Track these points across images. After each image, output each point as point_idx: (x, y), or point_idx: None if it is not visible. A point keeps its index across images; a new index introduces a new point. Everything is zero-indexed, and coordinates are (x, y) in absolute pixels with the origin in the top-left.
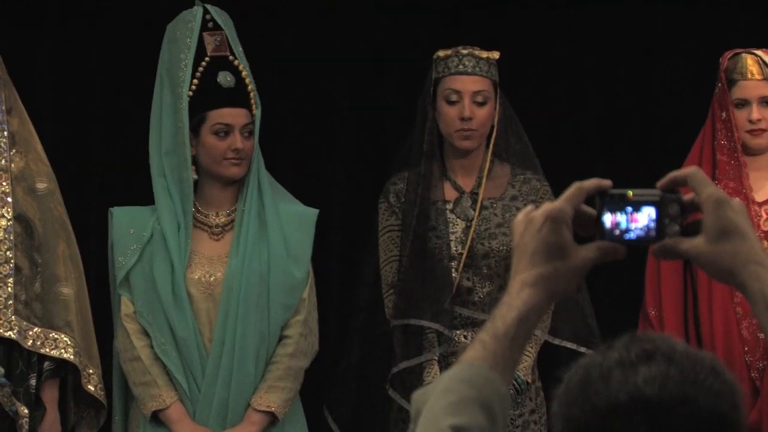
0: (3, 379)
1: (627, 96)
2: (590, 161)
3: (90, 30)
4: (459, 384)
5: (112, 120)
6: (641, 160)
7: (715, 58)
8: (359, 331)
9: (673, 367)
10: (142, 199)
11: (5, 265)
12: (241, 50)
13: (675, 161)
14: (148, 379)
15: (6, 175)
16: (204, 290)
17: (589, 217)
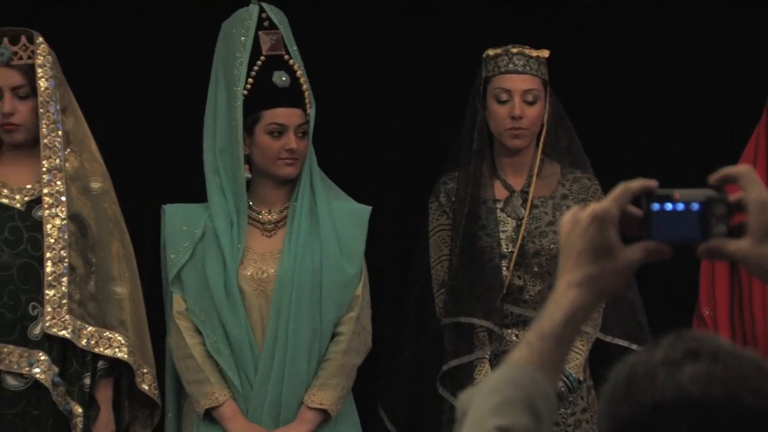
0: (57, 379)
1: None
2: (640, 160)
3: (144, 29)
4: (504, 384)
5: (167, 118)
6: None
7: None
8: (411, 331)
9: (719, 366)
10: (198, 197)
11: (59, 265)
12: (296, 49)
13: (726, 161)
14: (200, 376)
15: (60, 174)
16: (256, 287)
17: (635, 217)
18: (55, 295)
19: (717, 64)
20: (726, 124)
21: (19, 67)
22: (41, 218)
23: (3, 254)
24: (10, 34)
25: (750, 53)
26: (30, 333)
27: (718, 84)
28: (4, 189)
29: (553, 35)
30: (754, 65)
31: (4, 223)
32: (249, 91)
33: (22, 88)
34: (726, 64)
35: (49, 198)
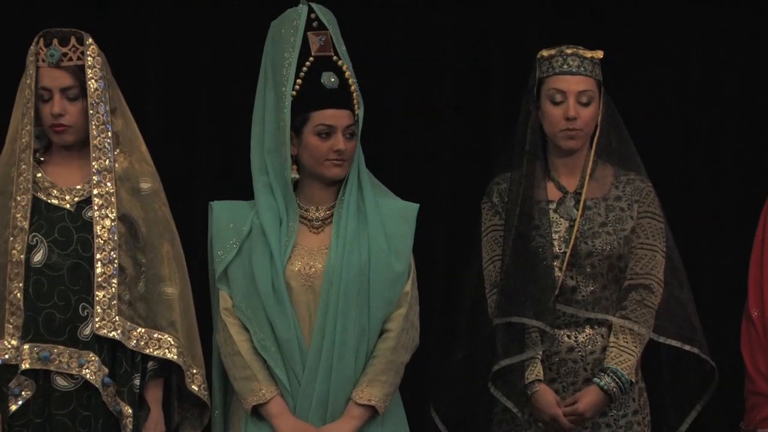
0: (107, 379)
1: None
2: (693, 161)
3: (194, 29)
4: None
5: (216, 118)
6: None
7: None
8: (463, 331)
9: None
10: (247, 196)
11: (109, 266)
12: (344, 50)
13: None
14: (248, 373)
15: (110, 175)
16: (304, 282)
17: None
18: (104, 296)
19: None
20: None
21: (68, 68)
22: (91, 219)
23: (53, 255)
24: (59, 35)
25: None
26: (80, 334)
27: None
28: (54, 190)
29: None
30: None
31: (54, 223)
32: (297, 92)
33: (72, 90)
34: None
35: (98, 199)
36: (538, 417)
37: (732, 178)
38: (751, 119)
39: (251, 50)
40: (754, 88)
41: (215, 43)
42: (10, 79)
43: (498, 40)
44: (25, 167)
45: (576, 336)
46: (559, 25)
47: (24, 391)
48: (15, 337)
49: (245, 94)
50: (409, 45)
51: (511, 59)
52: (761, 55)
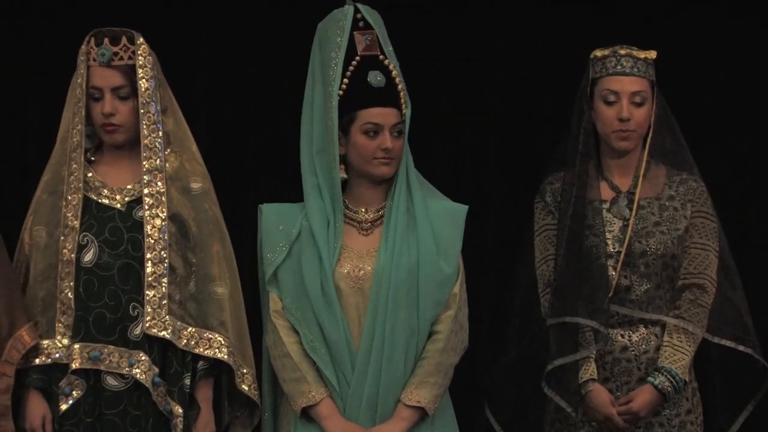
0: (158, 379)
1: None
2: (745, 161)
3: (243, 30)
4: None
5: (266, 118)
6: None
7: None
8: (516, 330)
9: None
10: (296, 197)
11: (159, 265)
12: (391, 49)
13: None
14: (297, 375)
15: (161, 174)
16: (353, 284)
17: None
18: (155, 296)
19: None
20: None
21: (119, 67)
22: (142, 218)
23: (103, 254)
24: (110, 34)
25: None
26: (130, 333)
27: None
28: (105, 189)
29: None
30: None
31: (104, 223)
32: (344, 92)
33: (123, 89)
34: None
35: (149, 198)
36: (591, 416)
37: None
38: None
39: (299, 51)
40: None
41: (264, 44)
42: (62, 79)
43: (548, 40)
44: (76, 167)
45: (630, 335)
46: (610, 26)
47: (74, 390)
48: (66, 336)
49: (295, 95)
50: (458, 46)
51: (561, 59)
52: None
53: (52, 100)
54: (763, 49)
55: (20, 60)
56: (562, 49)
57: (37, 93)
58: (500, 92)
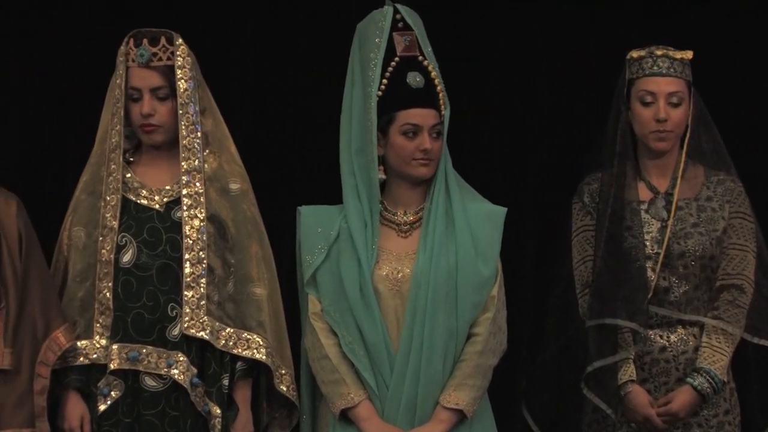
0: (196, 380)
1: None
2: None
3: (282, 30)
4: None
5: (304, 119)
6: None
7: None
8: (554, 331)
9: None
10: (334, 198)
11: (198, 266)
12: (430, 50)
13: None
14: (336, 377)
15: (199, 175)
16: (392, 287)
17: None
18: (193, 297)
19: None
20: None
21: (158, 68)
22: (180, 219)
23: (142, 255)
24: (149, 35)
25: None
26: (169, 334)
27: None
28: (143, 190)
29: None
30: None
31: (143, 224)
32: (383, 92)
33: (162, 90)
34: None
35: (188, 199)
36: (630, 417)
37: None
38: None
39: (339, 52)
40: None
41: (303, 44)
42: (101, 80)
43: (586, 39)
44: (115, 167)
45: (668, 336)
46: (649, 26)
47: (113, 391)
48: (104, 336)
49: (334, 96)
50: (497, 46)
51: (599, 60)
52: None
53: (92, 101)
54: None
55: (59, 60)
56: (601, 48)
57: (77, 93)
58: (538, 93)
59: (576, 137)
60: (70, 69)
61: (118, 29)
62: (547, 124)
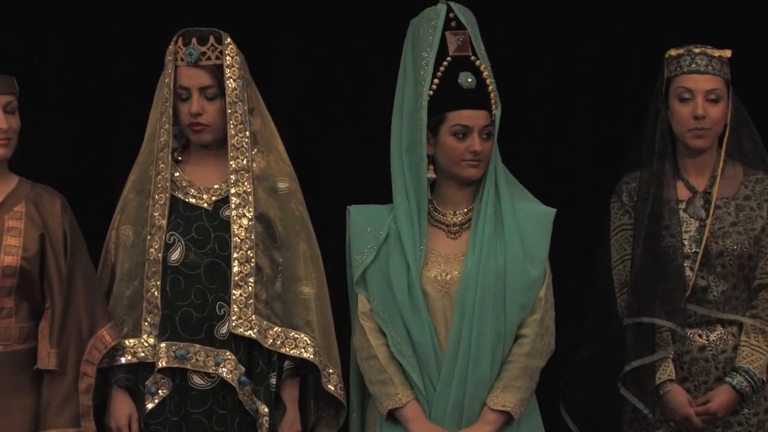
0: (244, 378)
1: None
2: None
3: (332, 28)
4: None
5: (353, 118)
6: None
7: None
8: (592, 330)
9: None
10: (382, 197)
11: (246, 265)
12: (483, 49)
13: None
14: (384, 377)
15: (247, 174)
16: (440, 288)
17: None
18: (241, 295)
19: None
20: None
21: (207, 67)
22: (228, 218)
23: (190, 254)
24: (198, 34)
25: None
26: (217, 332)
27: None
28: (192, 189)
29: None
30: None
31: (191, 222)
32: (435, 92)
33: (210, 89)
34: None
35: (236, 198)
36: (669, 416)
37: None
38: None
39: (390, 49)
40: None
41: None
42: (150, 78)
43: (627, 38)
44: (164, 166)
45: (707, 335)
46: (691, 25)
47: (161, 389)
48: (152, 335)
49: (384, 94)
50: (546, 46)
51: (642, 58)
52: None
53: (140, 100)
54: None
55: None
56: (644, 47)
57: (125, 92)
58: (583, 92)
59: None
60: (119, 68)
61: (167, 28)
62: (592, 124)
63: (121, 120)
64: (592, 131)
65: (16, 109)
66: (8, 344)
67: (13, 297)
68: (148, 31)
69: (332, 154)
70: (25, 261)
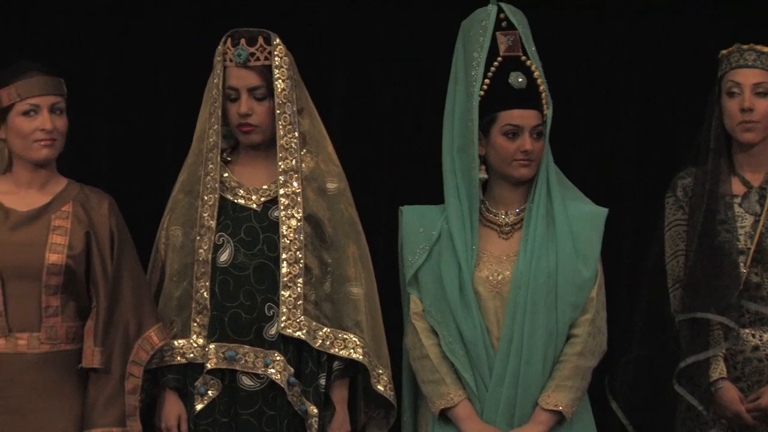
0: (293, 379)
1: None
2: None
3: (381, 29)
4: None
5: (403, 118)
6: None
7: None
8: (644, 325)
9: None
10: (432, 197)
11: (295, 266)
12: (534, 50)
13: None
14: (436, 377)
15: (296, 175)
16: (492, 288)
17: None
18: (290, 296)
19: None
20: None
21: (256, 68)
22: (277, 219)
23: (239, 255)
24: (247, 35)
25: None
26: (266, 333)
27: None
28: (241, 190)
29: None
30: None
31: (240, 223)
32: (485, 92)
33: (259, 90)
34: None
35: (285, 199)
36: (721, 413)
37: None
38: None
39: (441, 50)
40: None
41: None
42: (199, 79)
43: (683, 38)
44: (213, 167)
45: (761, 335)
46: (746, 23)
47: (210, 390)
48: (201, 336)
49: (433, 94)
50: (597, 45)
51: (695, 56)
52: None
53: (189, 100)
54: None
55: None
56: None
57: (175, 93)
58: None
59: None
60: (168, 69)
61: (215, 28)
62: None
63: (171, 121)
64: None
65: (63, 110)
66: (55, 344)
67: (59, 296)
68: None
69: (384, 154)
70: (71, 259)
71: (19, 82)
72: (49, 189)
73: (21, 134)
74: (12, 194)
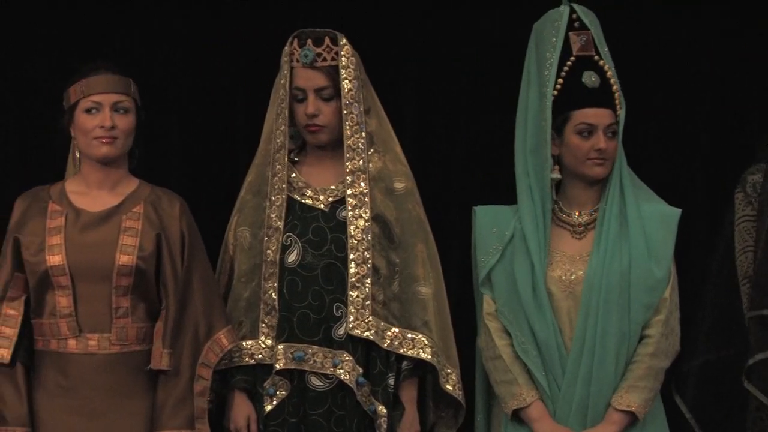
0: (361, 379)
1: None
2: None
3: (449, 29)
4: None
5: (472, 118)
6: None
7: None
8: (712, 322)
9: None
10: (503, 197)
11: (363, 266)
12: (606, 50)
13: None
14: (509, 377)
15: (364, 175)
16: (565, 288)
17: None
18: (358, 296)
19: None
20: None
21: (323, 68)
22: (345, 219)
23: (307, 255)
24: (313, 36)
25: None
26: (334, 333)
27: None
28: (308, 190)
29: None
30: None
31: (308, 223)
32: (559, 92)
33: (326, 90)
34: None
35: (352, 199)
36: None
37: None
38: None
39: (514, 51)
40: None
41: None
42: (265, 80)
43: (756, 36)
44: (280, 167)
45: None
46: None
47: (279, 390)
48: (269, 337)
49: (505, 95)
50: (668, 44)
51: None
52: None
53: (258, 101)
54: None
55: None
56: None
57: (244, 93)
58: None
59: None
60: (235, 69)
61: (283, 29)
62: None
63: (239, 121)
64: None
65: (128, 110)
66: (125, 344)
67: (129, 297)
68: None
69: (457, 155)
70: (141, 260)
71: (86, 80)
72: (121, 190)
73: (83, 131)
74: (83, 194)
